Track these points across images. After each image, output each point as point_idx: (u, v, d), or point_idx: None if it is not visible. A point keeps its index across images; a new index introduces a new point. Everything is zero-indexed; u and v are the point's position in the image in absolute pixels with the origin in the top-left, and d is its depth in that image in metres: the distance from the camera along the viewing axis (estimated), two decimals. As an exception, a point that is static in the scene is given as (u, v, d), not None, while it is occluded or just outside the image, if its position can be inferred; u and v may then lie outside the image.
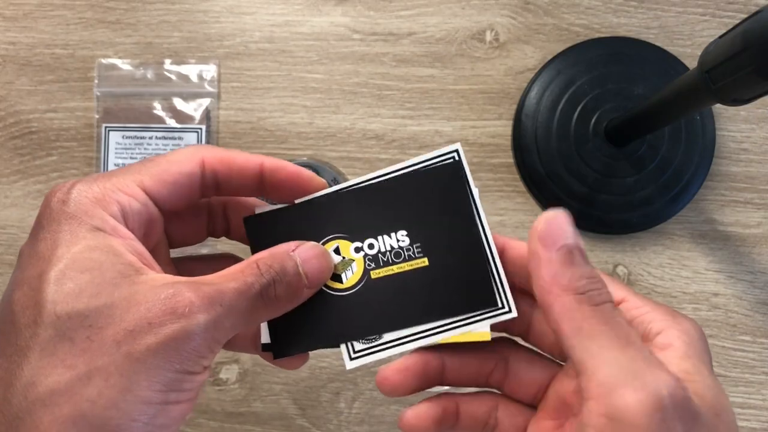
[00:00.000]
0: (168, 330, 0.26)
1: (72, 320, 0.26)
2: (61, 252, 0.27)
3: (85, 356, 0.26)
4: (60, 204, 0.28)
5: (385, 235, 0.32)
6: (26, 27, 0.61)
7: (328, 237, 0.33)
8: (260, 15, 0.60)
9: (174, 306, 0.27)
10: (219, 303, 0.28)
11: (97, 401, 0.25)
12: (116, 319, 0.26)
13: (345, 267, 0.33)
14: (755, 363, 0.57)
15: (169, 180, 0.30)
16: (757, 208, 0.58)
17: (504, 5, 0.59)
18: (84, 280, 0.27)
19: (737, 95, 0.38)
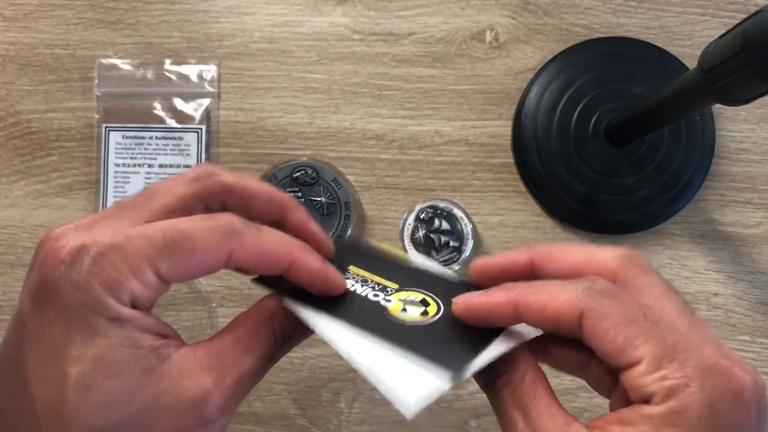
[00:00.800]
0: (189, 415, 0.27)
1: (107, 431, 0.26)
2: (79, 349, 0.26)
3: None
4: (67, 274, 0.26)
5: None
6: (26, 27, 0.61)
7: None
8: (260, 15, 0.60)
9: (200, 415, 0.27)
10: (239, 393, 0.29)
11: None
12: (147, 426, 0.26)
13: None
14: (755, 363, 0.57)
15: (186, 272, 0.28)
16: (756, 208, 0.58)
17: (504, 5, 0.59)
18: (115, 389, 0.26)
19: (737, 95, 0.38)
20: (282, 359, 0.57)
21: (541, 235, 0.58)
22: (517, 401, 0.29)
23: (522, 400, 0.28)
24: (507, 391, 0.29)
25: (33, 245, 0.59)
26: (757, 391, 0.25)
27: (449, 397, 0.57)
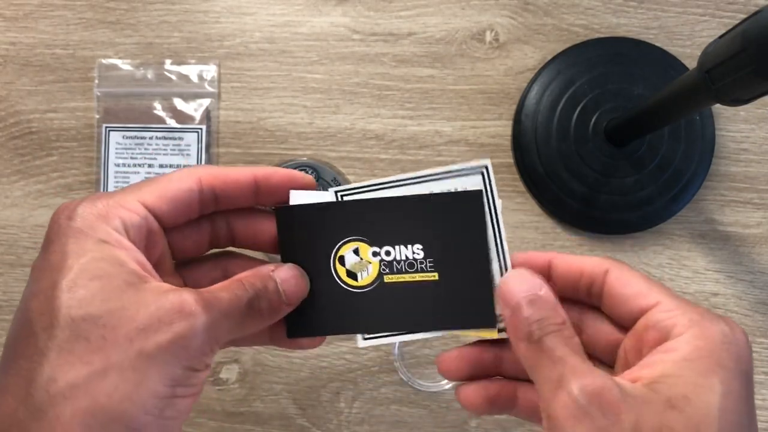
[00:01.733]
0: (177, 327, 0.29)
1: (86, 322, 0.28)
2: (70, 263, 0.29)
3: (101, 353, 0.28)
4: (66, 220, 0.30)
5: (402, 246, 0.35)
6: (27, 27, 0.61)
7: (349, 238, 0.36)
8: (260, 15, 0.60)
9: (180, 306, 0.29)
10: (217, 308, 0.31)
11: (113, 395, 0.27)
12: (128, 319, 0.28)
13: (361, 268, 0.36)
14: (755, 363, 0.57)
15: (168, 195, 0.33)
16: (756, 208, 0.58)
17: (504, 5, 0.59)
18: (94, 287, 0.29)
19: (737, 95, 0.38)
20: (282, 359, 0.57)
21: (541, 235, 0.58)
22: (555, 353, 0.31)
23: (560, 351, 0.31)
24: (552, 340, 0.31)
25: (33, 245, 0.59)
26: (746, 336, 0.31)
27: (449, 396, 0.57)
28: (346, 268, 0.36)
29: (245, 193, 0.35)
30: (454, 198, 0.34)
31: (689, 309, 0.31)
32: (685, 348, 0.29)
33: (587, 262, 0.34)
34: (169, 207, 0.33)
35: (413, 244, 0.35)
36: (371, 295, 0.36)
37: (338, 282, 0.36)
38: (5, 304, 0.59)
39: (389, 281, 0.36)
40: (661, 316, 0.31)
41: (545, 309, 0.31)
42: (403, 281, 0.36)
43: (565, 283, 0.35)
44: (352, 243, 0.36)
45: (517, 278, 0.33)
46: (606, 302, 0.34)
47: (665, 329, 0.30)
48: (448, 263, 0.35)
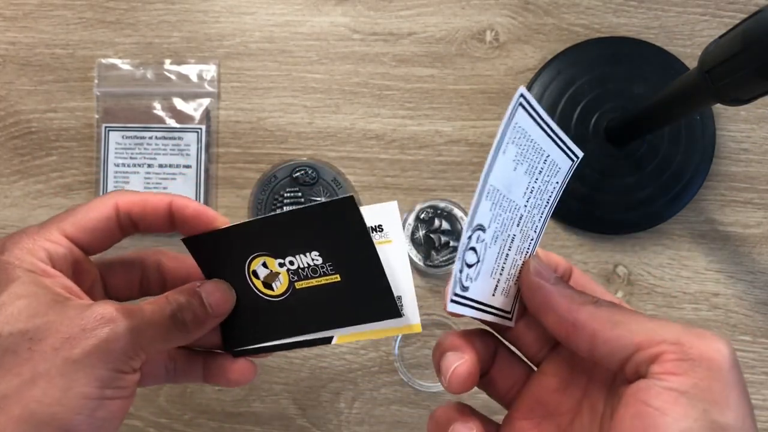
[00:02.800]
0: (99, 332, 0.31)
1: (14, 336, 0.30)
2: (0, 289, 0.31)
3: (29, 364, 0.30)
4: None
5: (302, 254, 0.38)
6: (26, 27, 0.61)
7: (256, 254, 0.38)
8: (260, 15, 0.60)
9: (102, 314, 0.31)
10: (139, 316, 0.32)
11: (42, 400, 0.29)
12: (53, 331, 0.30)
13: (273, 278, 0.38)
14: (755, 363, 0.57)
15: (87, 225, 0.35)
16: (757, 208, 0.58)
17: (504, 5, 0.59)
18: (21, 305, 0.31)
19: (737, 95, 0.38)
20: (282, 359, 0.57)
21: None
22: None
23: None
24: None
25: (33, 245, 0.59)
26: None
27: (449, 397, 0.57)
28: (261, 280, 0.39)
29: (161, 220, 0.37)
30: (332, 205, 0.36)
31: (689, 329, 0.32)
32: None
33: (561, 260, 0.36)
34: (88, 236, 0.35)
35: (310, 251, 0.37)
36: (289, 301, 0.39)
37: (258, 294, 0.39)
38: (5, 304, 0.59)
39: (300, 287, 0.38)
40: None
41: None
42: (311, 285, 0.38)
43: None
44: (260, 258, 0.38)
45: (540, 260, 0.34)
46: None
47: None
48: (344, 264, 0.37)
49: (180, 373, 0.39)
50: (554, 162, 0.35)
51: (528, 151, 0.33)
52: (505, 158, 0.31)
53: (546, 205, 0.35)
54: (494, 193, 0.32)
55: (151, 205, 0.37)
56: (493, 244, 0.33)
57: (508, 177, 0.32)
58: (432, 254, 0.55)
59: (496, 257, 0.34)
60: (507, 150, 0.31)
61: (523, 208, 0.34)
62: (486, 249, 0.33)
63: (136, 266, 0.39)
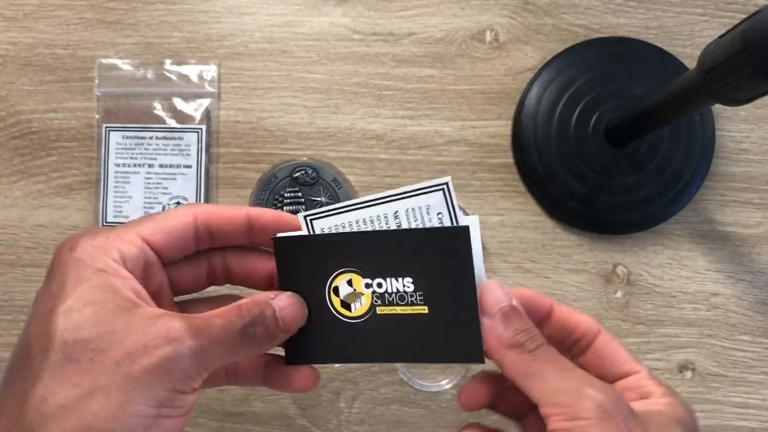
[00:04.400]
0: (161, 352, 0.30)
1: (77, 345, 0.30)
2: (68, 290, 0.31)
3: (89, 375, 0.29)
4: (68, 251, 0.33)
5: (393, 279, 0.36)
6: (27, 27, 0.61)
7: (344, 269, 0.36)
8: (260, 15, 0.60)
9: (167, 332, 0.30)
10: (206, 334, 0.32)
11: (99, 414, 0.29)
12: (116, 344, 0.30)
13: (355, 299, 0.37)
14: (754, 363, 0.57)
15: (164, 229, 0.35)
16: (756, 208, 0.58)
17: (504, 5, 0.59)
18: (88, 312, 0.31)
19: (737, 95, 0.38)
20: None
21: (541, 235, 0.58)
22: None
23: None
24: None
25: (33, 245, 0.59)
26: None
27: (449, 396, 0.57)
28: (340, 298, 0.37)
29: (238, 230, 0.37)
30: (442, 232, 0.35)
31: (663, 385, 0.35)
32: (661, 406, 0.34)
33: (583, 319, 0.37)
34: (165, 240, 0.35)
35: (403, 277, 0.36)
36: (365, 326, 0.37)
37: (333, 312, 0.37)
38: (5, 304, 0.59)
39: (381, 312, 0.36)
40: (642, 382, 0.35)
41: (526, 321, 0.34)
42: (394, 313, 0.36)
43: (562, 328, 0.38)
44: (346, 274, 0.37)
45: (496, 288, 0.34)
46: (590, 356, 0.37)
47: (645, 393, 0.35)
48: (437, 297, 0.36)
49: (241, 376, 0.39)
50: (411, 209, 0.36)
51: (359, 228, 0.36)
52: None
53: None
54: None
55: (228, 215, 0.37)
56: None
57: None
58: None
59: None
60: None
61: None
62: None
63: (202, 262, 0.39)
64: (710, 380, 0.58)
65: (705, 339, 0.58)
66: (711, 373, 0.58)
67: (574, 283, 0.58)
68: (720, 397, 0.57)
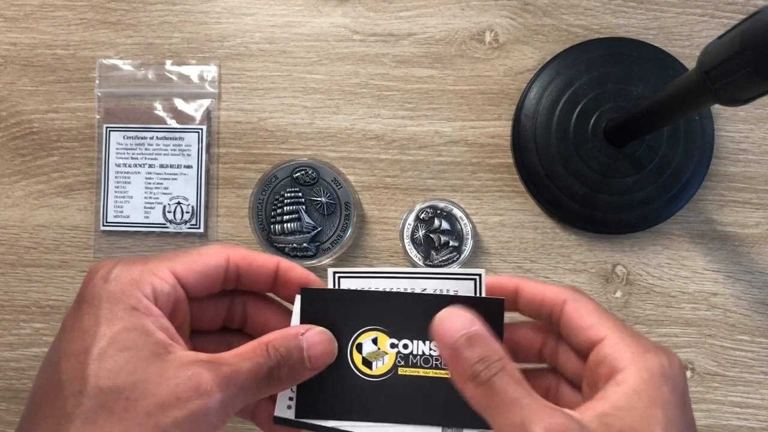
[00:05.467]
0: (192, 405, 0.31)
1: (112, 393, 0.31)
2: (102, 331, 0.32)
3: (121, 424, 0.30)
4: (102, 282, 0.33)
5: (420, 341, 0.36)
6: (27, 28, 0.61)
7: (370, 327, 0.37)
8: (261, 16, 0.60)
9: (197, 385, 0.31)
10: (234, 383, 0.32)
11: None
12: (149, 393, 0.31)
13: (377, 357, 0.37)
14: (754, 362, 0.58)
15: (197, 269, 0.36)
16: (755, 208, 0.58)
17: (503, 6, 0.59)
18: (122, 358, 0.31)
19: (736, 95, 0.38)
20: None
21: (541, 235, 0.58)
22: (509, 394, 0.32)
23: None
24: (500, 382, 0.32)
25: (34, 245, 0.59)
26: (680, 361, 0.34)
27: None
28: (362, 355, 0.37)
29: (265, 278, 0.38)
30: (477, 302, 0.35)
31: (631, 342, 0.34)
32: (631, 380, 0.32)
33: (548, 290, 0.37)
34: (196, 279, 0.36)
35: (431, 340, 0.36)
36: (384, 386, 0.37)
37: (353, 369, 0.37)
38: (6, 303, 0.59)
39: (403, 373, 0.36)
40: (607, 350, 0.34)
41: (484, 345, 0.32)
42: (417, 375, 0.36)
43: (530, 310, 0.37)
44: (372, 332, 0.37)
45: (450, 316, 0.33)
46: (563, 330, 0.37)
47: (612, 364, 0.33)
48: None
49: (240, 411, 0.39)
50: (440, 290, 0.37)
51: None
52: None
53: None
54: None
55: (258, 262, 0.38)
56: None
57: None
58: (432, 254, 0.55)
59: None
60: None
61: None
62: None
63: (223, 302, 0.40)
64: (709, 380, 0.58)
65: (704, 339, 0.58)
66: (710, 373, 0.58)
67: (574, 283, 0.58)
68: (719, 397, 0.57)
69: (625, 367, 0.32)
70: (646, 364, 0.32)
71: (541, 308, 0.37)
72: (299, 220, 0.56)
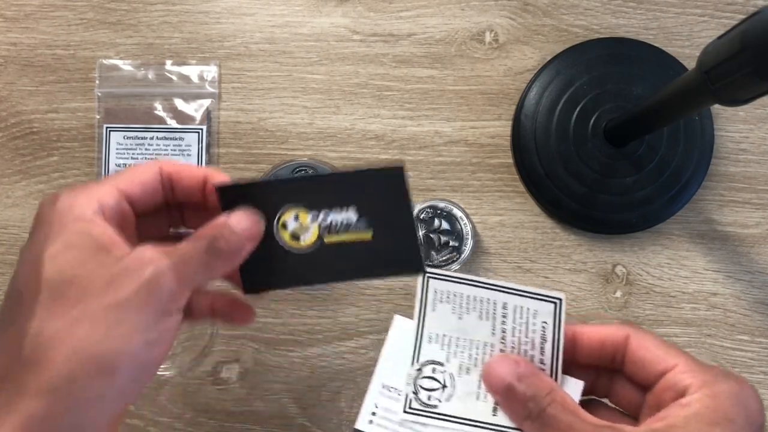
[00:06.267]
0: (143, 273, 0.33)
1: (65, 283, 0.33)
2: (52, 237, 0.34)
3: (78, 307, 0.32)
4: (50, 206, 0.35)
5: (338, 211, 0.40)
6: (28, 28, 0.61)
7: (288, 206, 0.40)
8: (261, 16, 0.60)
9: (142, 257, 0.33)
10: (178, 254, 0.34)
11: (88, 339, 0.32)
12: (99, 277, 0.33)
13: (303, 231, 0.40)
14: (753, 362, 0.58)
15: (136, 181, 0.38)
16: (755, 208, 0.58)
17: (503, 6, 0.59)
18: (71, 256, 0.33)
19: (736, 95, 0.38)
20: (282, 359, 0.57)
21: (541, 235, 0.58)
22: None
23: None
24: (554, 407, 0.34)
25: (34, 245, 0.59)
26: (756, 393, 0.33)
27: (449, 396, 0.57)
28: (289, 231, 0.40)
29: (196, 187, 0.40)
30: (379, 174, 0.39)
31: (703, 370, 0.33)
32: (696, 405, 0.32)
33: (608, 331, 0.37)
34: (137, 191, 0.38)
35: (348, 207, 0.40)
36: (314, 255, 0.41)
37: (283, 245, 0.40)
38: (6, 303, 0.59)
39: (329, 242, 0.40)
40: (677, 377, 0.34)
41: (532, 381, 0.35)
42: (341, 240, 0.40)
43: (591, 353, 0.37)
44: (292, 210, 0.40)
45: (497, 363, 0.36)
46: (628, 366, 0.36)
47: (681, 390, 0.33)
48: (379, 222, 0.40)
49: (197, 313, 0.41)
50: (520, 307, 0.38)
51: (467, 303, 0.38)
52: (437, 313, 0.38)
53: (542, 341, 0.37)
54: (439, 337, 0.38)
55: (187, 172, 0.40)
56: (465, 373, 0.38)
57: (453, 324, 0.38)
58: (432, 254, 0.55)
59: (478, 383, 0.37)
60: (436, 308, 0.38)
61: (500, 342, 0.38)
62: (455, 377, 0.38)
63: (164, 219, 0.42)
64: (709, 380, 0.58)
65: (704, 339, 0.58)
66: (710, 373, 0.58)
67: (574, 283, 0.58)
68: (719, 397, 0.57)
69: (693, 392, 0.33)
70: (715, 390, 0.32)
71: (603, 349, 0.37)
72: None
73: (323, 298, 0.58)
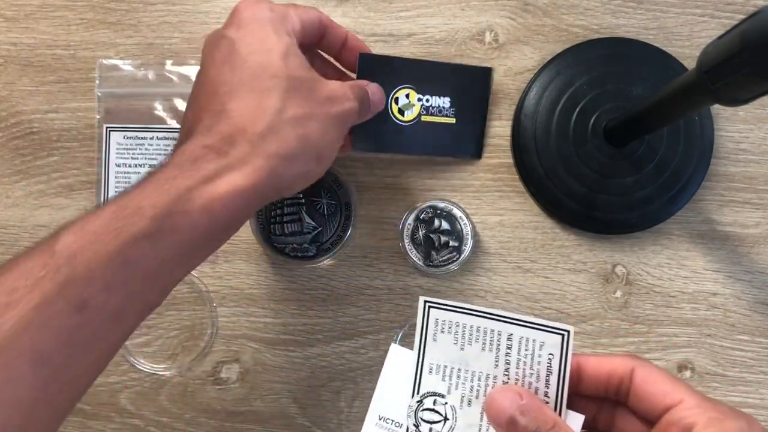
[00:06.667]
0: (348, 105, 0.45)
1: (299, 80, 0.42)
2: (277, 39, 0.42)
3: (308, 104, 0.42)
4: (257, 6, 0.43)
5: (437, 96, 0.56)
6: (28, 28, 0.61)
7: (404, 85, 0.55)
8: (261, 16, 0.60)
9: (346, 93, 0.45)
10: (358, 99, 0.46)
11: (313, 131, 0.42)
12: (321, 88, 0.43)
13: (409, 107, 0.55)
14: (753, 362, 0.58)
15: (308, 19, 0.46)
16: (755, 208, 0.58)
17: (503, 6, 0.59)
18: (299, 61, 0.43)
19: (736, 95, 0.38)
20: (282, 359, 0.57)
21: (541, 235, 0.58)
22: None
23: None
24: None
25: (34, 245, 0.59)
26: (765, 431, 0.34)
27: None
28: (398, 106, 0.55)
29: (338, 42, 0.50)
30: (474, 71, 0.57)
31: (710, 407, 0.33)
32: None
33: (613, 362, 0.37)
34: (308, 27, 0.46)
35: (444, 96, 0.56)
36: (412, 128, 0.55)
37: (392, 116, 0.55)
38: (6, 303, 0.59)
39: (425, 120, 0.56)
40: (683, 414, 0.33)
41: (535, 415, 0.34)
42: (433, 121, 0.56)
43: (596, 384, 0.37)
44: (405, 89, 0.55)
45: (499, 395, 0.36)
46: (633, 399, 0.36)
47: (686, 426, 0.33)
48: (463, 113, 0.57)
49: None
50: (526, 338, 0.37)
51: (470, 333, 0.38)
52: (438, 344, 0.38)
53: (548, 373, 0.37)
54: (440, 368, 0.38)
55: (335, 27, 0.50)
56: (467, 405, 0.38)
57: (455, 355, 0.38)
58: (432, 254, 0.55)
59: (480, 415, 0.37)
60: (437, 338, 0.38)
61: (503, 374, 0.37)
62: (456, 410, 0.38)
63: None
64: (709, 380, 0.58)
65: (704, 339, 0.58)
66: (710, 373, 0.58)
67: (574, 283, 0.58)
68: (719, 397, 0.57)
69: (699, 430, 0.32)
70: (722, 429, 0.32)
71: (609, 381, 0.37)
72: (299, 221, 0.56)
73: (323, 298, 0.58)
